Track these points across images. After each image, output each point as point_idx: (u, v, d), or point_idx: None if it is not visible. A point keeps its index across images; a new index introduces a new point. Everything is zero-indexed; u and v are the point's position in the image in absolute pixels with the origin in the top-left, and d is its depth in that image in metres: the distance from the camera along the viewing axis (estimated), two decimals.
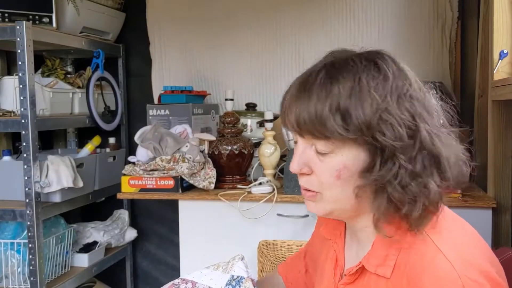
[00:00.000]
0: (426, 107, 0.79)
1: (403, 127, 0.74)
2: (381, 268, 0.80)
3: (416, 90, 0.80)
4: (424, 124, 0.76)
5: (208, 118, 2.19)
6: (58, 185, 1.89)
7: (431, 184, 0.76)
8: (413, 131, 0.75)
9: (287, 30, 2.30)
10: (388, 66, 0.79)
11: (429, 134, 0.76)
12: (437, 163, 0.77)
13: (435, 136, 0.77)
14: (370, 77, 0.76)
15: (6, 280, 1.95)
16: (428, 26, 2.12)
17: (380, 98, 0.74)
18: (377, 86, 0.75)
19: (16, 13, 1.90)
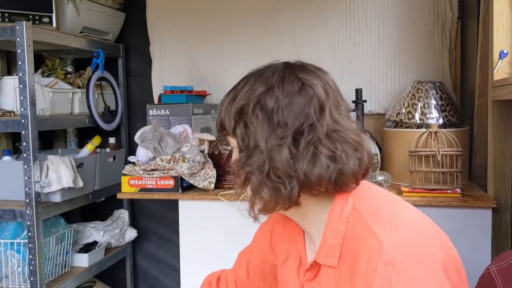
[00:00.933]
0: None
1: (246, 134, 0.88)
2: (328, 259, 0.85)
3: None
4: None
5: (208, 118, 2.19)
6: (58, 185, 1.89)
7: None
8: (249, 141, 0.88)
9: (287, 30, 2.30)
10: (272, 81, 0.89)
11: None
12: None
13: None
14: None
15: (6, 280, 1.95)
16: (428, 26, 2.12)
17: (236, 111, 0.89)
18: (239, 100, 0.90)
19: (16, 13, 1.90)
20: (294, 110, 0.85)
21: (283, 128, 0.84)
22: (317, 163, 0.83)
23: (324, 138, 0.84)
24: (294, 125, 0.84)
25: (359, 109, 2.08)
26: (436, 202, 1.65)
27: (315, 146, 0.84)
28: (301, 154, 0.84)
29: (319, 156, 0.83)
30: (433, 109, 1.88)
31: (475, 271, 1.66)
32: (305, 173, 0.83)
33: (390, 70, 2.19)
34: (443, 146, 1.70)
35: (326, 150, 0.83)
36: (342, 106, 0.88)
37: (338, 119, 0.86)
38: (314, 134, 0.84)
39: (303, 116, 0.84)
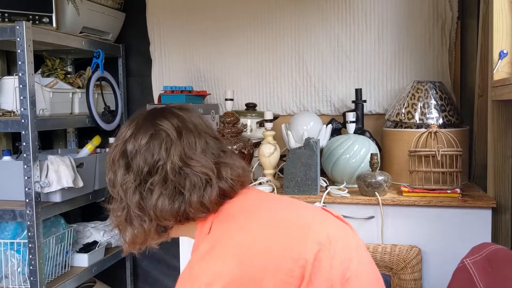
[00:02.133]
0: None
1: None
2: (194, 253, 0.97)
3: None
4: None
5: (208, 118, 2.19)
6: (58, 185, 1.89)
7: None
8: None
9: (287, 30, 2.30)
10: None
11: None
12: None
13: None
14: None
15: (6, 280, 1.95)
16: (428, 26, 2.12)
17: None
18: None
19: (16, 13, 1.90)
20: (146, 154, 0.97)
21: (136, 171, 0.97)
22: (160, 201, 0.96)
23: (170, 175, 0.96)
24: (145, 167, 0.97)
25: (359, 109, 2.08)
26: (436, 202, 1.65)
27: (160, 184, 0.96)
28: (147, 195, 0.97)
29: (162, 194, 0.96)
30: (433, 109, 1.88)
31: None
32: (153, 211, 0.97)
33: (390, 70, 2.19)
34: (443, 146, 1.70)
35: (170, 187, 0.96)
36: (198, 142, 0.99)
37: (189, 154, 0.97)
38: (162, 173, 0.96)
39: (154, 158, 0.96)
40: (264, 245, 0.89)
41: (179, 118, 1.01)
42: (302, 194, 1.75)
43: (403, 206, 1.69)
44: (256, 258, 0.87)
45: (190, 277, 0.88)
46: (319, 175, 1.81)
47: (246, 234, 0.91)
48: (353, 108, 2.10)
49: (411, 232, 1.68)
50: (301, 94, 2.31)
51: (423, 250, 1.67)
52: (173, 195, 0.95)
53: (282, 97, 2.34)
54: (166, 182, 0.95)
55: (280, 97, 2.34)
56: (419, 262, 1.66)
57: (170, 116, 1.01)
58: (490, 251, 1.08)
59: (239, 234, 0.91)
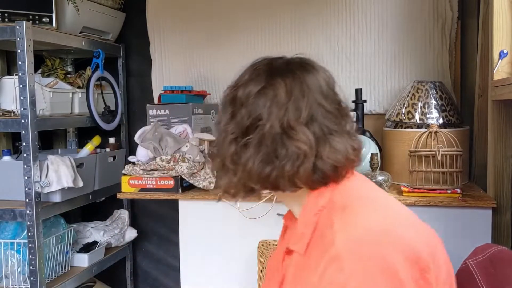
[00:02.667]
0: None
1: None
2: (297, 245, 0.90)
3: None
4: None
5: (208, 118, 2.19)
6: (58, 185, 1.89)
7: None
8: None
9: (287, 30, 2.30)
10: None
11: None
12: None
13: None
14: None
15: (6, 280, 1.95)
16: (428, 26, 2.12)
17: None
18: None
19: (16, 13, 1.90)
20: (250, 108, 0.90)
21: (238, 123, 0.91)
22: (251, 162, 0.89)
23: (267, 139, 0.88)
24: (246, 122, 0.90)
25: (359, 109, 2.08)
26: (436, 202, 1.65)
27: (255, 145, 0.88)
28: (241, 151, 0.90)
29: (254, 156, 0.88)
30: (433, 109, 1.88)
31: None
32: (242, 170, 0.90)
33: (390, 70, 2.19)
34: (443, 146, 1.70)
35: (264, 151, 0.88)
36: (306, 111, 0.88)
37: (291, 124, 0.87)
38: (259, 134, 0.88)
39: (256, 115, 0.89)
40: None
41: (296, 78, 0.92)
42: None
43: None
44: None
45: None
46: None
47: (384, 216, 0.83)
48: (353, 108, 2.10)
49: None
50: None
51: None
52: (265, 160, 0.88)
53: None
54: (261, 145, 0.88)
55: None
56: None
57: (287, 73, 0.93)
58: (492, 252, 1.08)
59: (378, 216, 0.83)
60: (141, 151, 1.93)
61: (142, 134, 1.93)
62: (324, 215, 0.87)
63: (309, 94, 0.90)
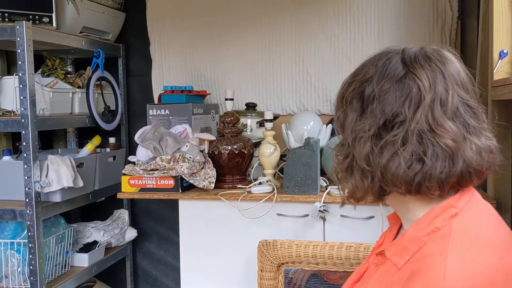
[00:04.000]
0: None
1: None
2: (396, 257, 0.83)
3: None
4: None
5: (208, 118, 2.19)
6: (58, 185, 1.89)
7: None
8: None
9: (287, 31, 2.30)
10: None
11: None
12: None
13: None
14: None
15: (6, 280, 1.95)
16: (428, 26, 2.13)
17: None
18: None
19: (16, 13, 1.90)
20: (386, 103, 0.81)
21: (371, 120, 0.82)
22: (394, 163, 0.80)
23: (412, 137, 0.79)
24: (381, 119, 0.81)
25: None
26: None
27: (398, 144, 0.80)
28: (379, 151, 0.81)
29: (398, 156, 0.79)
30: None
31: None
32: (381, 171, 0.81)
33: None
34: None
35: (409, 150, 0.79)
36: (451, 105, 0.80)
37: (438, 119, 0.79)
38: (401, 132, 0.80)
39: (394, 111, 0.81)
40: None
41: (438, 71, 0.82)
42: (302, 194, 1.75)
43: None
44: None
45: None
46: (319, 175, 1.81)
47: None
48: None
49: None
50: (301, 94, 2.31)
51: None
52: (411, 161, 0.79)
53: (282, 97, 2.34)
54: (405, 144, 0.79)
55: (280, 97, 2.34)
56: None
57: (429, 65, 0.82)
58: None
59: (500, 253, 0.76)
60: (141, 151, 1.93)
61: (142, 134, 1.94)
62: (437, 236, 0.79)
63: (452, 86, 0.82)
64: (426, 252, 0.78)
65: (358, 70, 0.88)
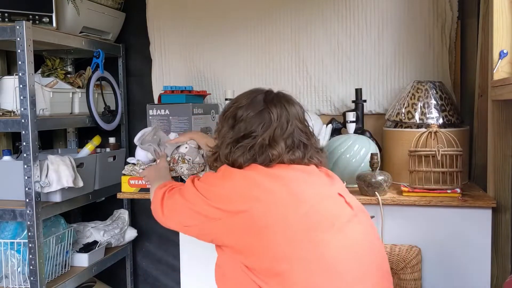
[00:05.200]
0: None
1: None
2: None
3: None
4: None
5: (208, 118, 2.19)
6: (58, 185, 1.89)
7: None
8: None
9: (287, 31, 2.30)
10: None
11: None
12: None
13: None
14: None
15: (6, 279, 1.95)
16: (428, 26, 2.12)
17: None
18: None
19: (16, 13, 1.90)
20: (248, 123, 1.30)
21: (236, 132, 1.32)
22: (239, 157, 1.30)
23: (256, 147, 1.28)
24: (242, 132, 1.30)
25: (359, 109, 2.08)
26: (436, 202, 1.65)
27: (246, 148, 1.29)
28: (235, 150, 1.31)
29: (243, 155, 1.29)
30: (433, 109, 1.88)
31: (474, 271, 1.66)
32: (230, 160, 1.32)
33: (390, 70, 2.19)
34: (443, 146, 1.70)
35: (252, 152, 1.29)
36: (288, 130, 1.30)
37: (276, 140, 1.28)
38: (252, 142, 1.28)
39: (252, 129, 1.30)
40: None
41: (284, 109, 1.31)
42: None
43: (403, 206, 1.69)
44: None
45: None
46: None
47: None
48: (353, 108, 2.10)
49: (411, 232, 1.68)
50: (301, 94, 2.30)
51: (423, 250, 1.67)
52: (249, 159, 1.29)
53: None
54: (250, 150, 1.28)
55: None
56: (419, 262, 1.66)
57: (280, 106, 1.31)
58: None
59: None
60: (140, 152, 1.93)
61: (141, 136, 1.93)
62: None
63: (292, 119, 1.31)
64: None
65: (237, 98, 1.38)
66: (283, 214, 1.17)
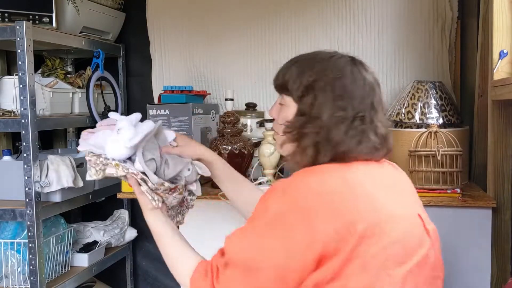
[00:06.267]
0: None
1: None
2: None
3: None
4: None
5: (208, 118, 2.19)
6: (58, 185, 1.89)
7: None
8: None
9: (287, 31, 2.30)
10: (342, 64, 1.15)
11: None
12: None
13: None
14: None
15: (6, 280, 1.95)
16: (428, 26, 2.12)
17: (318, 76, 1.07)
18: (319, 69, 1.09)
19: (16, 13, 1.90)
20: (356, 99, 1.04)
21: (344, 111, 1.03)
22: (361, 142, 1.03)
23: (369, 124, 1.04)
24: (353, 111, 1.03)
25: None
26: (436, 202, 1.65)
27: (363, 130, 1.03)
28: (351, 134, 1.02)
29: (367, 137, 1.04)
30: (433, 109, 1.88)
31: (474, 271, 1.66)
32: (348, 149, 1.02)
33: (390, 70, 2.19)
34: (443, 146, 1.70)
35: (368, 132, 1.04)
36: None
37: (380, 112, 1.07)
38: (365, 122, 1.03)
39: (362, 106, 1.04)
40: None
41: (374, 76, 1.15)
42: None
43: None
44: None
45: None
46: None
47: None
48: None
49: None
50: None
51: None
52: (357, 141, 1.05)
53: None
54: (367, 130, 1.05)
55: None
56: None
57: (371, 73, 1.15)
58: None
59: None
60: (119, 151, 1.41)
61: (143, 138, 1.33)
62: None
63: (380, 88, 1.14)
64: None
65: (312, 62, 1.11)
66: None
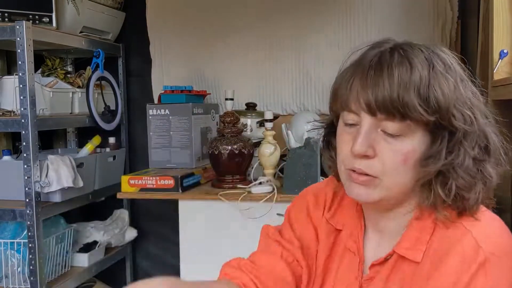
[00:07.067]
0: (477, 98, 0.82)
1: (469, 113, 0.77)
2: (411, 252, 0.79)
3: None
4: (479, 112, 0.80)
5: (208, 117, 2.19)
6: (58, 185, 1.89)
7: (489, 170, 0.83)
8: (473, 118, 0.78)
9: (287, 30, 2.30)
10: (448, 57, 0.81)
11: (483, 123, 0.81)
12: (488, 151, 0.83)
13: (486, 125, 0.82)
14: (439, 64, 0.78)
15: (6, 280, 1.95)
16: (428, 26, 2.12)
17: (453, 84, 0.76)
18: (448, 72, 0.77)
19: (16, 13, 1.90)
20: (477, 108, 0.81)
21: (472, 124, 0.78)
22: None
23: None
24: (479, 121, 0.80)
25: None
26: None
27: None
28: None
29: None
30: None
31: None
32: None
33: None
34: None
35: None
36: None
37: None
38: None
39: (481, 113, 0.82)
40: None
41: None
42: None
43: None
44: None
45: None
46: (320, 175, 1.81)
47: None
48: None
49: None
50: (301, 94, 2.31)
51: None
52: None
53: (282, 97, 2.33)
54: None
55: (280, 97, 2.34)
56: None
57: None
58: None
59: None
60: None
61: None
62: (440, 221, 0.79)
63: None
64: (440, 235, 0.78)
65: (426, 70, 0.78)
66: None
